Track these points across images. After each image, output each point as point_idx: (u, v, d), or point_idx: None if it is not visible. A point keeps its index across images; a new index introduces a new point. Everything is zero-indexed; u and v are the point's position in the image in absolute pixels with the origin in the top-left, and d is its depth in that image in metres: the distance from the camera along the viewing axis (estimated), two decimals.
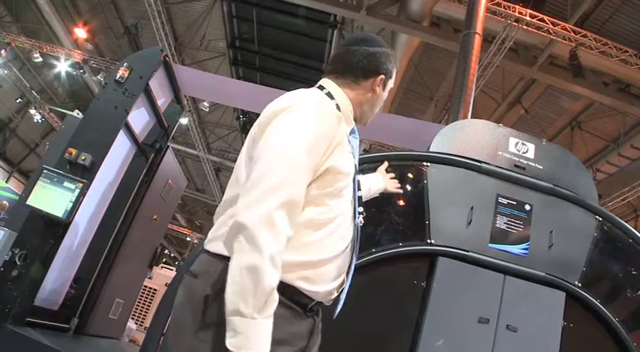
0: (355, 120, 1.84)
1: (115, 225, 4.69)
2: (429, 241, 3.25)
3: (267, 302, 1.35)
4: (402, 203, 3.36)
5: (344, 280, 1.69)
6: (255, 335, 1.33)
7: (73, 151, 3.75)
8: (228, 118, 18.74)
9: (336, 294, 1.68)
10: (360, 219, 1.76)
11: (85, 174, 3.74)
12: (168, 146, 5.28)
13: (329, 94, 1.75)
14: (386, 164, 2.67)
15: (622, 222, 3.57)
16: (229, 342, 1.33)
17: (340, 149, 1.61)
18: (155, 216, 5.42)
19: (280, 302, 1.45)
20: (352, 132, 1.81)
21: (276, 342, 1.43)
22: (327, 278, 1.61)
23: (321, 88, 1.79)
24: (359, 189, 1.78)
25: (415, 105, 14.67)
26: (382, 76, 1.82)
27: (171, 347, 1.50)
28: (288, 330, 1.51)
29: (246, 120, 17.21)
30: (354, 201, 1.74)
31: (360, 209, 1.77)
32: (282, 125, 1.54)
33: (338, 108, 1.70)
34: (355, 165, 1.74)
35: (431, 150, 3.62)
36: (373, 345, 3.10)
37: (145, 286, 9.08)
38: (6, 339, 3.28)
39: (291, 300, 1.53)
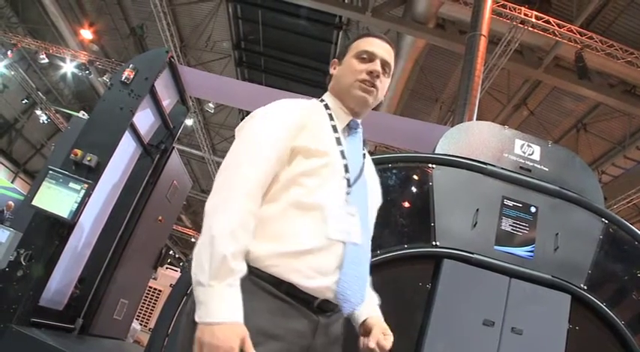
0: (355, 112, 1.88)
1: (120, 225, 4.70)
2: (434, 243, 3.24)
3: (222, 269, 1.37)
4: (407, 205, 3.35)
5: (346, 274, 1.59)
6: (214, 303, 1.35)
7: (79, 152, 3.76)
8: (233, 119, 18.75)
9: (335, 289, 1.57)
10: (352, 211, 1.66)
11: (91, 174, 3.75)
12: (173, 147, 5.29)
13: (322, 100, 1.88)
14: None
15: (628, 224, 3.56)
16: (196, 315, 1.37)
17: (309, 133, 1.67)
18: (160, 217, 5.42)
19: (275, 296, 1.49)
20: (352, 126, 1.85)
21: (269, 336, 1.44)
22: (318, 271, 1.56)
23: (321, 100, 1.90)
24: (347, 171, 1.71)
25: (420, 107, 14.67)
26: (334, 60, 1.97)
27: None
28: (284, 325, 1.49)
29: None
30: (346, 184, 1.69)
31: (349, 190, 1.69)
32: (246, 127, 1.71)
33: (327, 107, 1.84)
34: (342, 152, 1.72)
35: (436, 152, 3.61)
36: None
37: (150, 287, 9.10)
38: (11, 339, 3.29)
39: (288, 295, 1.52)
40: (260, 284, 1.49)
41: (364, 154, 1.87)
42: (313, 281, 1.54)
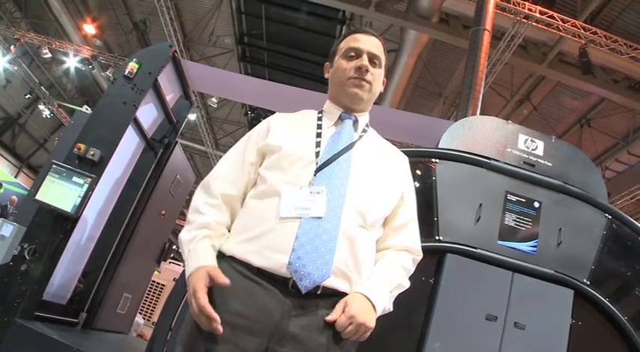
0: (351, 108, 1.97)
1: (124, 220, 4.70)
2: (437, 238, 3.23)
3: (182, 246, 1.74)
4: None
5: (301, 247, 1.59)
6: (186, 263, 1.68)
7: (82, 146, 3.75)
8: (236, 114, 18.74)
9: (295, 267, 1.57)
10: (317, 189, 1.70)
11: (94, 169, 3.75)
12: (176, 141, 5.29)
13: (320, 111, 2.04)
14: None
15: (631, 220, 3.54)
16: None
17: (271, 135, 1.88)
18: (163, 212, 5.43)
19: (248, 278, 1.61)
20: (343, 118, 1.95)
21: (233, 313, 1.55)
22: (274, 250, 1.61)
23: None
24: (316, 157, 1.79)
25: (424, 102, 14.64)
26: (326, 64, 2.13)
27: None
28: (250, 304, 1.56)
29: (254, 116, 17.19)
30: (314, 172, 1.75)
31: (316, 173, 1.75)
32: None
33: (321, 112, 2.01)
34: (317, 143, 1.84)
35: (440, 146, 3.61)
36: (380, 341, 3.10)
37: (153, 281, 9.13)
38: (15, 333, 3.30)
39: (261, 277, 1.60)
40: (237, 268, 1.63)
41: (361, 136, 1.93)
42: (268, 260, 1.60)
